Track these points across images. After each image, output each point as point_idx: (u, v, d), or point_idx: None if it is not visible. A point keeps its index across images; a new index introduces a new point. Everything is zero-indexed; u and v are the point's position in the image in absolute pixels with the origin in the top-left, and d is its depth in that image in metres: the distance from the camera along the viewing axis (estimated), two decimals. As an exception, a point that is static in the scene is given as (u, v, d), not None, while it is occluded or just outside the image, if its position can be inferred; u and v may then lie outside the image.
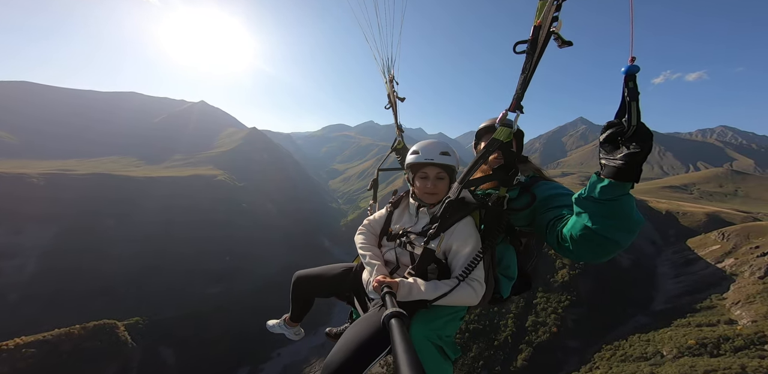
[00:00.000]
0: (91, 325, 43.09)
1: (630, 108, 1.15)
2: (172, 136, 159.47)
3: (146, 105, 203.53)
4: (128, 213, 77.39)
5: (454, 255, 1.67)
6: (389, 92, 3.09)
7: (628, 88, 1.14)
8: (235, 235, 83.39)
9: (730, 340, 30.88)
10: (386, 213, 2.06)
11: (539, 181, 1.91)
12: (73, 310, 53.83)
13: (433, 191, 1.81)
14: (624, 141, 1.19)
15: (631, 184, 1.22)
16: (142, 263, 67.04)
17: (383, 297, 1.37)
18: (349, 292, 2.09)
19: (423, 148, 1.82)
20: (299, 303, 2.38)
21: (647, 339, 35.25)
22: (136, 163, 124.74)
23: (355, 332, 1.45)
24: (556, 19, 1.30)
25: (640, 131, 1.16)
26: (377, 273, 1.68)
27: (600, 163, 1.28)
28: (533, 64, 1.38)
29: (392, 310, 1.11)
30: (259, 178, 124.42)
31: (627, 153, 1.17)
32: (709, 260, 52.37)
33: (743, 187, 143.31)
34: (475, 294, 1.56)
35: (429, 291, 1.53)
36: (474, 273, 1.58)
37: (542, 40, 1.33)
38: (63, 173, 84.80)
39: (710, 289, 44.30)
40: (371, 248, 1.91)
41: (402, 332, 0.93)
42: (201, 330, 52.61)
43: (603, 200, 1.26)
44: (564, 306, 43.38)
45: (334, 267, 2.20)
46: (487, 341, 41.10)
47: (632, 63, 1.13)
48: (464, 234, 1.66)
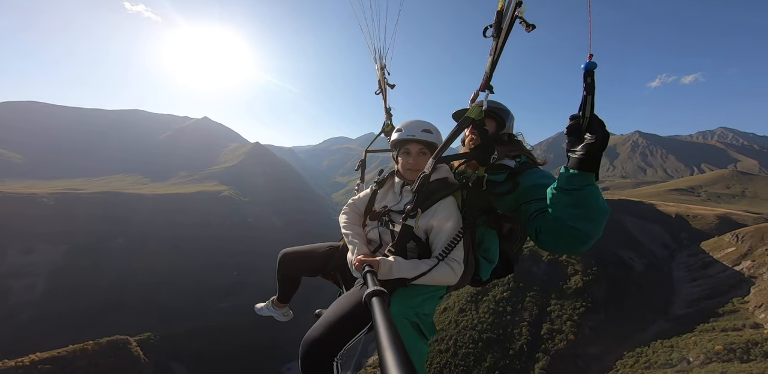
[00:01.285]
0: (104, 341, 43.16)
1: (585, 101, 1.26)
2: (177, 153, 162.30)
3: (151, 122, 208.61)
4: (136, 231, 77.95)
5: (435, 234, 1.68)
6: (380, 78, 3.16)
7: (586, 83, 1.24)
8: (242, 250, 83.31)
9: (759, 345, 29.82)
10: (371, 192, 2.07)
11: (530, 168, 1.90)
12: (85, 327, 53.85)
13: (415, 167, 1.83)
14: (582, 132, 1.31)
15: (593, 174, 1.31)
16: (151, 279, 66.97)
17: (364, 276, 1.37)
18: (335, 271, 2.08)
19: (406, 126, 1.88)
20: (286, 282, 2.36)
21: (670, 345, 34.10)
22: (142, 181, 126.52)
23: (336, 309, 1.47)
24: (520, 4, 1.37)
25: (594, 122, 1.27)
26: (358, 252, 1.69)
27: (567, 155, 1.39)
28: (499, 46, 1.46)
29: (373, 288, 1.10)
30: (263, 192, 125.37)
31: (584, 144, 1.29)
32: (726, 263, 51.23)
33: (751, 187, 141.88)
34: (453, 274, 1.58)
35: (409, 270, 1.54)
36: (453, 254, 1.59)
37: (507, 24, 1.41)
38: (72, 192, 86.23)
39: (731, 292, 43.13)
40: (353, 227, 1.92)
41: (383, 310, 0.93)
42: (212, 344, 52.13)
43: (568, 190, 1.36)
44: (579, 312, 42.29)
45: (321, 245, 2.20)
46: (502, 350, 39.91)
47: (590, 60, 1.22)
48: (445, 213, 1.67)
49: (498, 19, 1.44)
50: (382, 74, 3.14)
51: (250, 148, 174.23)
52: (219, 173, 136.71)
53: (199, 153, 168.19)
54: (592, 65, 1.22)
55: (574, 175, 1.32)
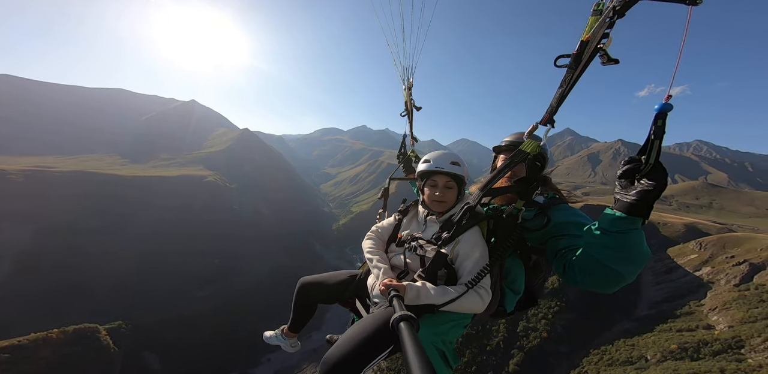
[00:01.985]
0: (70, 329, 41.28)
1: (652, 145, 1.18)
2: (160, 135, 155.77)
3: (134, 102, 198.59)
4: (113, 214, 75.02)
5: (462, 261, 1.68)
6: (406, 100, 3.07)
7: (656, 126, 1.16)
8: (224, 237, 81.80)
9: (709, 345, 32.53)
10: (395, 221, 2.09)
11: (559, 204, 1.90)
12: (49, 314, 51.48)
13: (441, 199, 1.84)
14: (639, 177, 1.25)
15: (641, 219, 1.27)
16: (126, 264, 64.89)
17: (391, 300, 1.35)
18: (353, 298, 2.08)
19: (434, 157, 1.88)
20: (302, 310, 2.34)
21: (632, 344, 36.62)
22: (120, 162, 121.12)
23: (359, 329, 1.43)
24: (607, 36, 1.28)
25: (656, 169, 1.21)
26: (384, 276, 1.67)
27: (614, 197, 1.34)
28: (574, 78, 1.38)
29: (401, 313, 1.08)
30: (250, 179, 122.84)
31: (640, 189, 1.23)
32: (688, 268, 54.89)
33: (718, 199, 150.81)
34: (481, 302, 1.57)
35: (437, 296, 1.52)
36: (482, 281, 1.59)
37: (587, 56, 1.33)
38: (43, 170, 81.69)
39: (689, 296, 46.45)
40: (379, 252, 1.93)
41: (412, 335, 0.92)
42: (188, 333, 51.12)
43: (612, 232, 1.32)
44: (554, 311, 44.52)
45: (340, 273, 2.21)
46: (480, 346, 41.66)
47: (667, 101, 1.14)
48: (471, 242, 1.68)
49: (580, 50, 1.35)
50: (409, 95, 3.05)
51: (239, 133, 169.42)
52: (204, 158, 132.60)
53: (184, 136, 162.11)
54: (668, 107, 1.13)
55: (621, 218, 1.29)
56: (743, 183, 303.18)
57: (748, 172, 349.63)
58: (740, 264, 48.79)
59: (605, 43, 1.28)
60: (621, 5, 1.22)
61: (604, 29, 1.27)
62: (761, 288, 40.43)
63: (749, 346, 31.04)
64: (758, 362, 28.43)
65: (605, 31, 1.27)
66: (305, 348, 53.50)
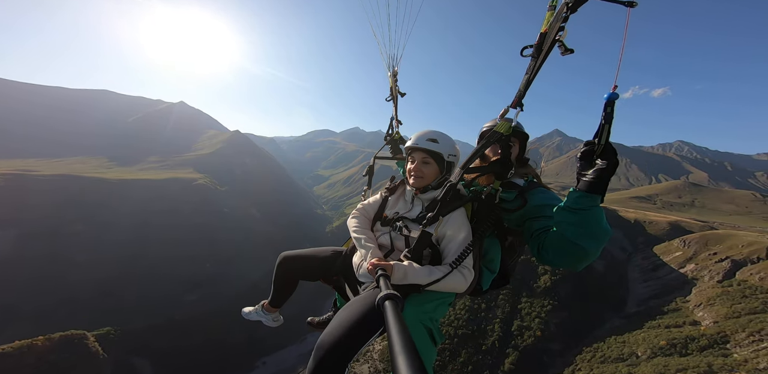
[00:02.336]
0: (56, 336, 40.07)
1: (603, 129, 1.36)
2: (148, 138, 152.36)
3: (119, 104, 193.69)
4: (98, 218, 72.83)
5: (447, 242, 1.72)
6: (392, 85, 3.14)
7: (606, 112, 1.33)
8: (215, 241, 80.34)
9: (696, 340, 33.55)
10: (381, 199, 2.10)
11: (537, 187, 1.99)
12: (31, 321, 49.65)
13: (418, 174, 1.89)
14: (595, 158, 1.43)
15: (600, 196, 1.42)
16: (112, 270, 63.06)
17: (377, 280, 1.38)
18: (338, 276, 2.09)
19: (415, 135, 1.95)
20: (282, 285, 2.31)
21: (623, 341, 37.48)
22: (106, 165, 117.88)
23: (349, 313, 1.46)
24: (562, 28, 1.42)
25: (607, 150, 1.38)
26: (372, 256, 1.70)
27: (576, 177, 1.49)
28: (536, 66, 1.52)
29: (387, 292, 1.12)
30: (242, 182, 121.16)
31: (596, 168, 1.40)
32: (673, 265, 56.52)
33: (699, 198, 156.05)
34: (465, 282, 1.63)
35: (423, 276, 1.57)
36: (465, 261, 1.64)
37: (547, 47, 1.47)
38: (24, 173, 78.85)
39: (675, 293, 47.83)
40: (366, 231, 1.93)
41: (396, 314, 0.94)
42: (179, 339, 50.01)
43: (575, 209, 1.46)
44: (547, 310, 45.22)
45: (324, 249, 2.20)
46: (476, 346, 41.98)
47: (614, 91, 1.32)
48: (458, 222, 1.72)
49: (540, 41, 1.49)
50: (395, 81, 3.13)
51: (229, 135, 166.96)
52: (194, 160, 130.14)
53: (172, 138, 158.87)
54: (615, 96, 1.31)
55: (583, 196, 1.43)
56: (723, 181, 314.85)
57: (727, 171, 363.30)
58: (722, 261, 50.50)
59: (561, 35, 1.42)
60: (573, 2, 1.36)
61: (559, 23, 1.41)
62: (743, 283, 41.90)
63: (734, 341, 32.12)
64: (743, 356, 29.44)
65: (561, 24, 1.41)
66: (300, 351, 53.01)
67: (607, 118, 1.32)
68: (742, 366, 27.83)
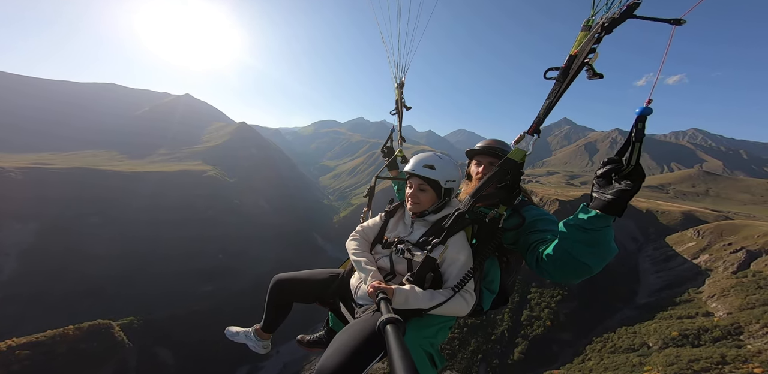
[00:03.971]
0: (85, 326, 41.91)
1: (633, 148, 1.23)
2: (156, 130, 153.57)
3: (126, 97, 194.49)
4: (114, 210, 74.73)
5: (448, 265, 1.70)
6: (397, 98, 3.05)
7: (637, 129, 1.20)
8: (227, 233, 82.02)
9: (709, 331, 33.58)
10: (381, 222, 2.08)
11: (528, 205, 2.02)
12: (57, 311, 52.02)
13: (415, 200, 1.88)
14: (618, 178, 1.29)
15: (614, 217, 1.33)
16: (130, 262, 65.19)
17: (378, 303, 1.36)
18: (334, 298, 2.06)
19: (413, 160, 1.92)
20: (276, 309, 2.27)
21: (633, 332, 37.75)
22: (118, 158, 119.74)
23: (349, 336, 1.44)
24: (594, 50, 1.33)
25: (636, 171, 1.26)
26: (372, 278, 1.68)
27: (591, 194, 1.39)
28: (561, 91, 1.43)
29: (388, 316, 1.09)
30: (249, 174, 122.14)
31: (619, 189, 1.26)
32: (686, 256, 55.95)
33: (714, 187, 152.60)
34: (467, 305, 1.61)
35: (425, 301, 1.55)
36: (467, 285, 1.63)
37: (574, 70, 1.38)
38: (41, 167, 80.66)
39: (687, 284, 47.58)
40: (365, 254, 1.92)
41: (398, 338, 0.93)
42: (197, 329, 51.99)
43: (587, 229, 1.38)
44: (557, 300, 45.56)
45: (320, 271, 2.18)
46: (485, 335, 42.76)
47: (648, 105, 1.18)
48: (458, 245, 1.70)
49: (568, 64, 1.41)
50: (401, 93, 3.02)
51: (236, 127, 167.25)
52: (203, 152, 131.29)
53: (180, 131, 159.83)
54: (648, 111, 1.18)
55: (597, 216, 1.34)
56: (738, 170, 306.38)
57: (743, 159, 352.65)
58: (737, 252, 49.83)
59: (592, 58, 1.34)
60: (609, 22, 1.27)
61: (591, 44, 1.32)
62: (758, 275, 41.42)
63: (748, 332, 32.06)
64: (757, 348, 29.43)
65: (592, 46, 1.32)
66: (314, 340, 54.79)
67: (638, 135, 1.20)
68: (756, 358, 27.84)
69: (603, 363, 33.23)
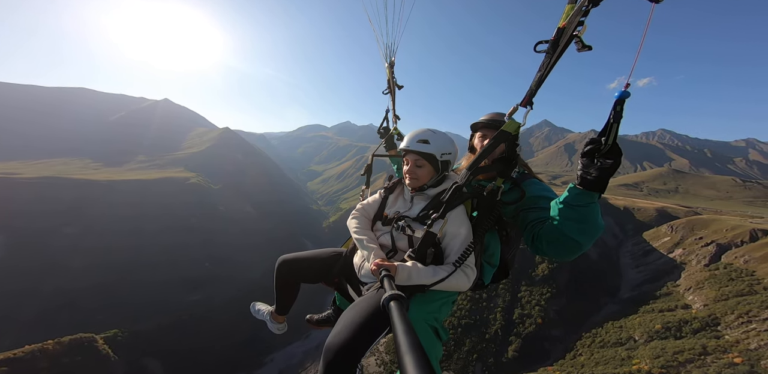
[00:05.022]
0: (66, 340, 39.86)
1: (611, 129, 1.33)
2: (133, 136, 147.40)
3: (99, 102, 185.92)
4: (89, 220, 70.99)
5: (449, 240, 1.71)
6: (389, 77, 3.05)
7: (615, 111, 1.30)
8: (213, 240, 79.61)
9: (689, 323, 35.33)
10: (380, 198, 2.08)
11: (530, 178, 2.04)
12: (34, 327, 48.91)
13: (413, 176, 1.88)
14: (599, 156, 1.41)
15: (598, 194, 1.44)
16: (110, 274, 62.03)
17: (382, 280, 1.39)
18: (339, 277, 2.08)
19: (407, 136, 1.92)
20: (285, 290, 2.31)
21: (620, 326, 39.34)
22: (92, 166, 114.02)
23: (354, 313, 1.46)
24: (582, 23, 1.38)
25: (613, 149, 1.37)
26: (375, 256, 1.69)
27: (577, 173, 1.48)
28: (551, 63, 1.47)
29: (391, 293, 1.12)
30: (235, 179, 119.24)
31: (599, 167, 1.38)
32: (662, 251, 58.84)
33: (683, 184, 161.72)
34: (468, 280, 1.64)
35: (428, 277, 1.57)
36: (468, 260, 1.65)
37: (564, 42, 1.42)
38: (7, 177, 75.75)
39: (665, 277, 50.04)
40: (367, 232, 1.92)
41: (402, 314, 0.95)
42: (186, 339, 50.23)
43: (574, 206, 1.48)
44: (546, 298, 46.90)
45: (323, 251, 2.20)
46: (479, 335, 43.46)
47: (626, 89, 1.28)
48: (459, 220, 1.72)
49: (557, 36, 1.44)
50: (392, 73, 3.03)
51: (219, 132, 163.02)
52: (184, 158, 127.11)
53: (158, 137, 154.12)
54: (626, 95, 1.28)
55: (582, 193, 1.45)
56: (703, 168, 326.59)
57: (707, 157, 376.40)
58: (708, 245, 52.77)
59: (580, 31, 1.40)
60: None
61: (579, 17, 1.38)
62: (729, 267, 44.14)
63: (724, 323, 33.93)
64: (735, 338, 31.20)
65: (580, 19, 1.38)
66: (307, 347, 53.87)
67: (616, 117, 1.31)
68: (734, 347, 29.54)
69: (594, 358, 34.44)
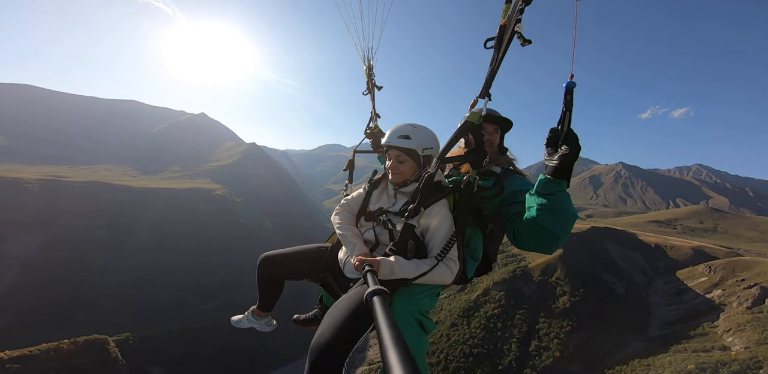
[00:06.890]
0: (81, 340, 40.84)
1: (564, 116, 1.40)
2: (170, 147, 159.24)
3: (145, 114, 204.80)
4: (122, 224, 75.56)
5: (432, 234, 1.72)
6: (367, 79, 3.16)
7: (566, 100, 1.38)
8: (231, 251, 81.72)
9: (727, 365, 32.14)
10: (364, 193, 2.06)
11: (513, 174, 2.05)
12: (51, 324, 50.68)
13: (395, 171, 1.88)
14: (560, 144, 1.45)
15: (565, 181, 1.46)
16: (132, 276, 64.58)
17: (365, 275, 1.37)
18: (324, 273, 2.06)
19: (389, 132, 1.91)
20: (268, 287, 2.27)
21: (647, 364, 36.01)
22: (131, 173, 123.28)
23: (338, 311, 1.44)
24: (519, 21, 1.46)
25: (570, 136, 1.41)
26: (358, 251, 1.69)
27: (544, 163, 1.52)
28: (499, 57, 1.56)
29: (374, 288, 1.09)
30: (256, 193, 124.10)
31: (561, 154, 1.42)
32: (698, 291, 54.52)
33: (722, 223, 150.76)
34: (451, 274, 1.63)
35: (410, 270, 1.57)
36: (450, 253, 1.64)
37: (507, 38, 1.51)
38: (58, 180, 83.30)
39: (701, 317, 46.00)
40: (350, 227, 1.91)
41: (385, 309, 0.91)
42: (193, 347, 50.03)
43: (544, 194, 1.49)
44: (566, 331, 43.95)
45: (307, 247, 2.18)
46: (491, 365, 40.80)
47: (571, 80, 1.35)
48: (440, 215, 1.71)
49: (500, 33, 1.55)
50: (370, 75, 3.17)
51: (246, 147, 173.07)
52: (213, 171, 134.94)
53: (192, 149, 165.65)
54: (572, 85, 1.37)
55: (549, 181, 1.48)
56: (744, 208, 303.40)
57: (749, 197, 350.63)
58: (751, 288, 48.67)
59: (519, 27, 1.49)
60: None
61: (516, 15, 1.49)
62: (774, 311, 40.24)
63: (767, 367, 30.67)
64: (778, 382, 28.00)
65: (518, 17, 1.49)
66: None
67: (567, 105, 1.40)
68: (778, 393, 26.41)
69: (618, 398, 31.41)
